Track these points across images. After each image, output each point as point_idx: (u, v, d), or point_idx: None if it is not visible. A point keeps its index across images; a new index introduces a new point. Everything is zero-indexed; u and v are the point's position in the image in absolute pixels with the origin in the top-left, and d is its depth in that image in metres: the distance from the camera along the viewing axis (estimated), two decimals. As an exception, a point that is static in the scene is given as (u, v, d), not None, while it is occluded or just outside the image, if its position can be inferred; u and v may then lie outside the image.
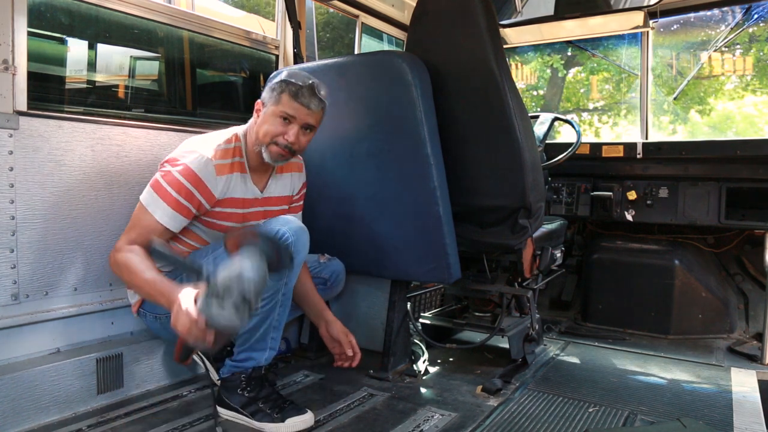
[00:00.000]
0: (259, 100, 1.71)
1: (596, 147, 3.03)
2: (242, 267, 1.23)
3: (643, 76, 3.21)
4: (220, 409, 1.67)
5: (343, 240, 2.10)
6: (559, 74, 5.29)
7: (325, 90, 1.68)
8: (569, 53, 5.04)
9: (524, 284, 2.23)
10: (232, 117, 2.57)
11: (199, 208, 1.64)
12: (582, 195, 3.08)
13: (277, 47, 2.63)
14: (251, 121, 1.74)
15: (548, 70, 5.19)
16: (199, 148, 1.62)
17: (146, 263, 1.51)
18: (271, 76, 2.17)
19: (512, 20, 3.33)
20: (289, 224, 1.60)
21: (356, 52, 3.12)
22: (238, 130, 1.75)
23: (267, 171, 1.81)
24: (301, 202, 2.00)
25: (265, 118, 1.67)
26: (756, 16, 3.66)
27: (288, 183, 1.90)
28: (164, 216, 1.57)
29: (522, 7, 3.35)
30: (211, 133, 1.74)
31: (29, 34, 1.64)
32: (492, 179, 1.94)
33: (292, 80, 1.63)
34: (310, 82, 1.64)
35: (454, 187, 1.91)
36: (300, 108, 1.63)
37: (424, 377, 2.08)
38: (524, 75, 5.03)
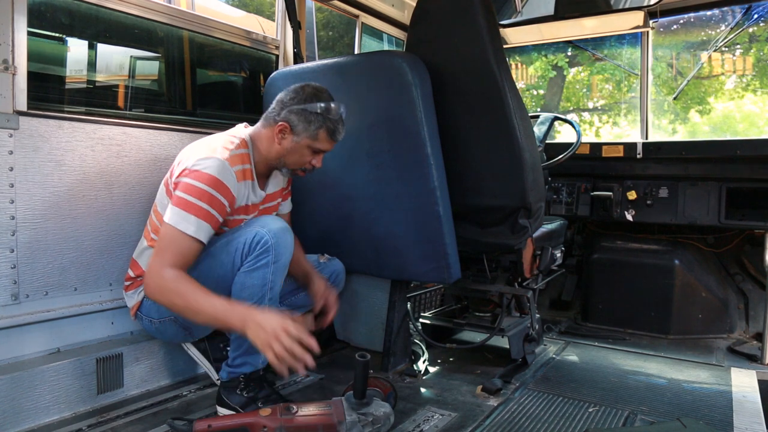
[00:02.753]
0: (285, 123, 1.64)
1: (596, 147, 3.03)
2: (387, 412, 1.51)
3: (643, 76, 3.21)
4: (219, 409, 1.67)
5: (343, 240, 2.10)
6: (564, 73, 5.29)
7: (344, 109, 1.69)
8: (569, 53, 5.04)
9: (524, 284, 2.23)
10: (233, 117, 2.56)
11: (223, 214, 1.57)
12: (582, 195, 3.08)
13: (277, 47, 2.63)
14: (264, 131, 1.70)
15: (552, 71, 5.19)
16: (214, 153, 1.57)
17: (201, 288, 1.44)
18: (273, 75, 2.16)
19: (512, 20, 3.33)
20: (269, 226, 1.57)
21: (356, 52, 3.12)
22: (243, 133, 1.71)
23: (269, 173, 1.79)
24: (290, 188, 1.97)
25: (295, 147, 1.66)
26: (756, 16, 3.66)
27: (280, 178, 1.87)
28: (197, 230, 1.49)
29: (522, 7, 3.36)
30: (214, 136, 1.69)
31: (29, 34, 1.64)
32: (492, 179, 1.94)
33: (330, 116, 1.64)
34: (341, 111, 1.66)
35: (454, 187, 1.91)
36: (333, 144, 1.70)
37: (424, 377, 2.09)
38: (524, 75, 5.03)
